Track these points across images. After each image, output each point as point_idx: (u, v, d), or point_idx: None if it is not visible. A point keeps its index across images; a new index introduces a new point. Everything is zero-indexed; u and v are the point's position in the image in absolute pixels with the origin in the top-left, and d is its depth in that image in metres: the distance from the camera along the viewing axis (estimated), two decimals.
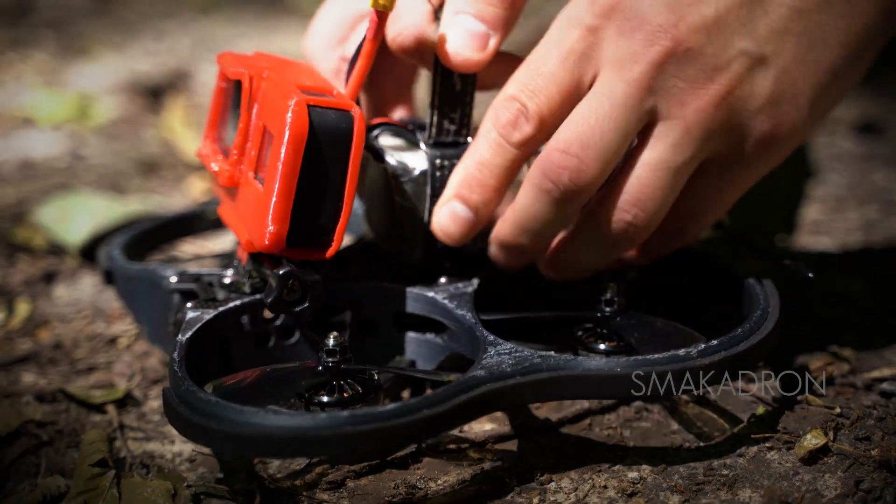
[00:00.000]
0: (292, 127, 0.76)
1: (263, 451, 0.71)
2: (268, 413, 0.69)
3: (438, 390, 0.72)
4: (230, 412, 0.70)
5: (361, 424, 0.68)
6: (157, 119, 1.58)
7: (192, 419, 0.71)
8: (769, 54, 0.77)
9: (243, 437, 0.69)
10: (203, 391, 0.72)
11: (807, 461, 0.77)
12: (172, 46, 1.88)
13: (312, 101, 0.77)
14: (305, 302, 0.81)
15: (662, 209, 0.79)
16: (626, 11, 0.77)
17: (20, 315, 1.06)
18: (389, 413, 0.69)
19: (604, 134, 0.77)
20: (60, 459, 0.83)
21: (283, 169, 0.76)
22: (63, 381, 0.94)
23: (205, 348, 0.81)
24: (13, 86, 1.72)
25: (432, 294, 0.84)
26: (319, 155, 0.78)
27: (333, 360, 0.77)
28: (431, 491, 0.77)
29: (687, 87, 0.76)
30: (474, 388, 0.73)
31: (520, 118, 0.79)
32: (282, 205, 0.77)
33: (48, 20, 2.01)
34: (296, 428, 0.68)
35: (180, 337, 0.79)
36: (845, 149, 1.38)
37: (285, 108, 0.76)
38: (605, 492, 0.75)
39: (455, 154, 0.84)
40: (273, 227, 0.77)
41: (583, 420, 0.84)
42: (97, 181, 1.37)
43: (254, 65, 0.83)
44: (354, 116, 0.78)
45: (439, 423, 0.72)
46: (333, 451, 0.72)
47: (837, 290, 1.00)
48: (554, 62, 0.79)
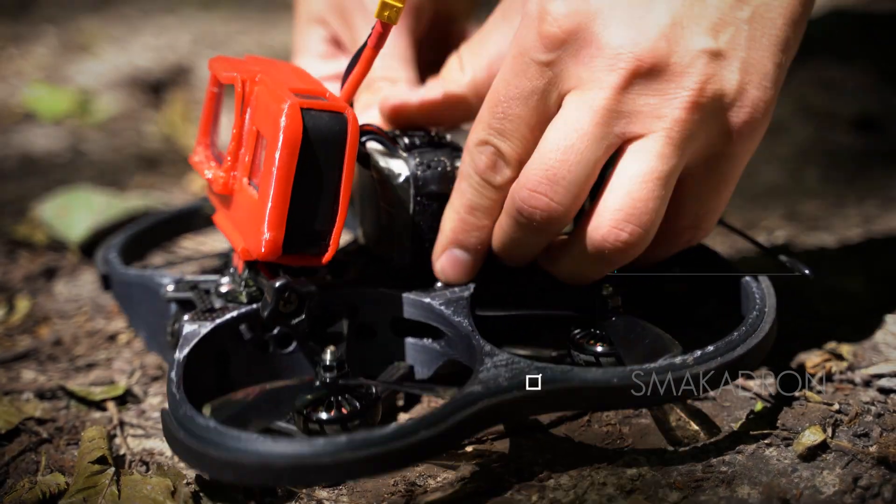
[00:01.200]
0: (286, 131, 0.76)
1: (262, 479, 0.70)
2: (266, 440, 0.69)
3: (436, 409, 0.71)
4: (229, 439, 0.70)
5: (360, 450, 0.68)
6: (158, 114, 1.58)
7: (190, 445, 0.71)
8: (726, 46, 0.76)
9: (242, 465, 0.69)
10: (202, 416, 0.72)
11: (805, 458, 0.77)
12: (173, 42, 1.88)
13: (306, 103, 0.77)
14: (302, 314, 0.81)
15: (657, 220, 0.78)
16: (579, 40, 0.76)
17: (20, 311, 1.06)
18: (388, 436, 0.69)
19: (571, 167, 0.77)
20: (60, 457, 0.83)
21: (278, 174, 0.76)
22: (63, 377, 0.94)
23: (203, 362, 0.81)
24: (14, 81, 1.72)
25: (429, 300, 0.84)
26: (314, 158, 0.77)
27: (331, 375, 0.77)
28: (431, 488, 0.77)
29: (659, 101, 0.76)
30: (471, 405, 0.73)
31: (498, 162, 0.80)
32: (278, 210, 0.77)
33: (49, 16, 2.01)
34: (294, 455, 0.68)
35: (178, 354, 0.78)
36: (845, 145, 1.38)
37: (279, 112, 0.76)
38: (604, 489, 0.75)
39: (435, 156, 0.84)
40: (269, 234, 0.77)
41: (581, 417, 0.84)
42: (98, 177, 1.37)
43: (246, 69, 0.83)
44: (348, 118, 0.78)
45: (438, 444, 0.71)
46: (333, 479, 0.72)
47: (836, 287, 1.00)
48: (518, 105, 0.79)
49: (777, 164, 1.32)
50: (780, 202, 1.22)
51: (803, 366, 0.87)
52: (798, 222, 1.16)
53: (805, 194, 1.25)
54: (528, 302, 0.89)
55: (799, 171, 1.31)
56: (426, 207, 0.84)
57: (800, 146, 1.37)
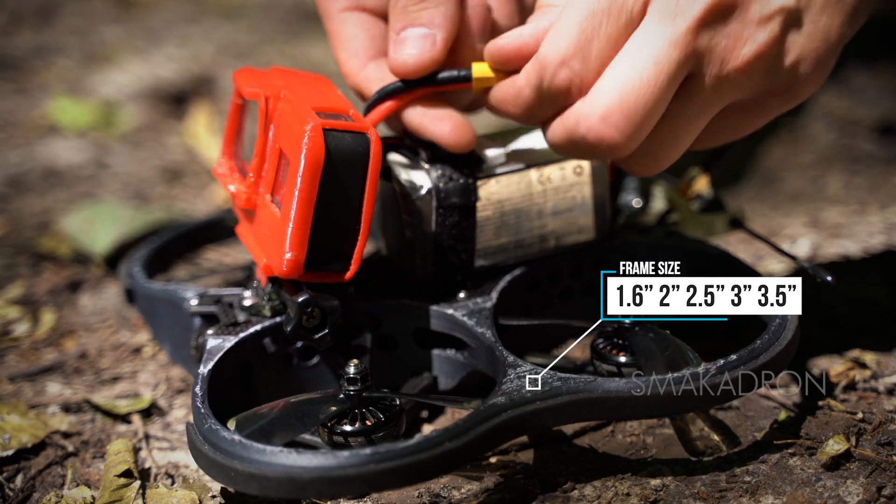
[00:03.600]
0: (308, 153, 0.76)
1: (287, 492, 0.70)
2: (291, 452, 0.69)
3: (459, 421, 0.72)
4: (254, 452, 0.70)
5: (385, 462, 0.69)
6: (181, 126, 1.58)
7: (215, 459, 0.71)
8: (803, 6, 0.76)
9: (267, 477, 0.69)
10: (227, 429, 0.72)
11: (829, 467, 0.77)
12: (196, 53, 1.89)
13: (328, 124, 0.77)
14: (325, 328, 0.81)
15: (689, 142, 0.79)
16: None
17: (46, 324, 1.06)
18: (412, 448, 0.69)
19: (647, 103, 0.74)
20: (86, 470, 0.84)
21: (300, 195, 0.76)
22: (88, 390, 0.95)
23: (227, 376, 0.82)
24: (37, 93, 1.73)
25: (451, 311, 0.84)
26: (336, 179, 0.78)
27: (355, 388, 0.78)
28: (455, 499, 0.77)
29: (727, 45, 0.75)
30: (495, 416, 0.73)
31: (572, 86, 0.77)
32: (299, 231, 0.77)
33: (72, 27, 2.02)
34: (319, 468, 0.69)
35: (202, 369, 0.79)
36: (867, 151, 1.37)
37: (301, 133, 0.76)
38: (628, 499, 0.75)
39: (456, 168, 0.84)
40: (291, 253, 0.77)
41: (605, 427, 0.84)
42: (121, 189, 1.37)
43: (270, 83, 0.83)
44: (371, 139, 0.78)
45: (462, 455, 0.72)
46: (358, 491, 0.72)
47: (858, 295, 1.00)
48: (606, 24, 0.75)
49: (799, 171, 1.32)
50: (803, 209, 1.22)
51: (826, 374, 0.87)
52: (820, 229, 1.16)
53: (828, 201, 1.24)
54: (552, 313, 0.89)
55: (821, 178, 1.30)
56: (448, 219, 0.84)
57: (822, 153, 1.37)
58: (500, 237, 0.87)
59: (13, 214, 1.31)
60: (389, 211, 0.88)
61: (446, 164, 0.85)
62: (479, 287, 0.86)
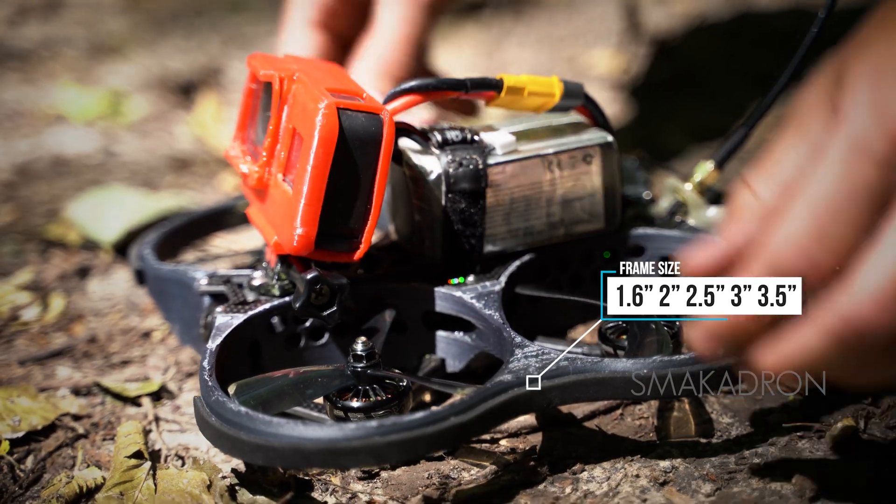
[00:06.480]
0: (322, 130, 0.76)
1: (292, 462, 0.71)
2: (297, 424, 0.70)
3: (465, 396, 0.72)
4: (260, 423, 0.71)
5: (390, 434, 0.69)
6: (189, 115, 1.58)
7: (222, 430, 0.72)
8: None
9: (273, 448, 0.70)
10: (234, 401, 0.73)
11: (838, 450, 0.77)
12: (203, 43, 1.89)
13: (342, 104, 0.78)
14: (334, 305, 0.81)
15: None
16: None
17: (55, 310, 1.06)
18: (417, 422, 0.70)
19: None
20: (96, 452, 0.84)
21: (313, 172, 0.77)
22: (98, 374, 0.95)
23: (235, 353, 0.82)
24: (45, 83, 1.73)
25: (460, 293, 0.85)
26: (349, 158, 0.78)
27: (361, 365, 0.78)
28: (465, 481, 0.77)
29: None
30: (501, 393, 0.73)
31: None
32: (311, 207, 0.77)
33: (79, 18, 2.02)
34: (325, 440, 0.69)
35: (210, 344, 0.79)
36: None
37: (315, 112, 0.77)
38: (638, 481, 0.76)
39: (466, 153, 0.85)
40: (302, 229, 0.78)
41: (614, 410, 0.84)
42: (130, 177, 1.37)
43: (284, 66, 0.84)
44: (384, 120, 0.79)
45: (467, 431, 0.72)
46: (363, 463, 0.72)
47: None
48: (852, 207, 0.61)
49: None
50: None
51: None
52: None
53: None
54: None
55: None
56: (457, 204, 0.85)
57: None
58: (510, 223, 0.87)
59: (22, 202, 1.31)
60: (400, 195, 0.89)
61: (457, 149, 0.85)
62: (488, 272, 0.87)
